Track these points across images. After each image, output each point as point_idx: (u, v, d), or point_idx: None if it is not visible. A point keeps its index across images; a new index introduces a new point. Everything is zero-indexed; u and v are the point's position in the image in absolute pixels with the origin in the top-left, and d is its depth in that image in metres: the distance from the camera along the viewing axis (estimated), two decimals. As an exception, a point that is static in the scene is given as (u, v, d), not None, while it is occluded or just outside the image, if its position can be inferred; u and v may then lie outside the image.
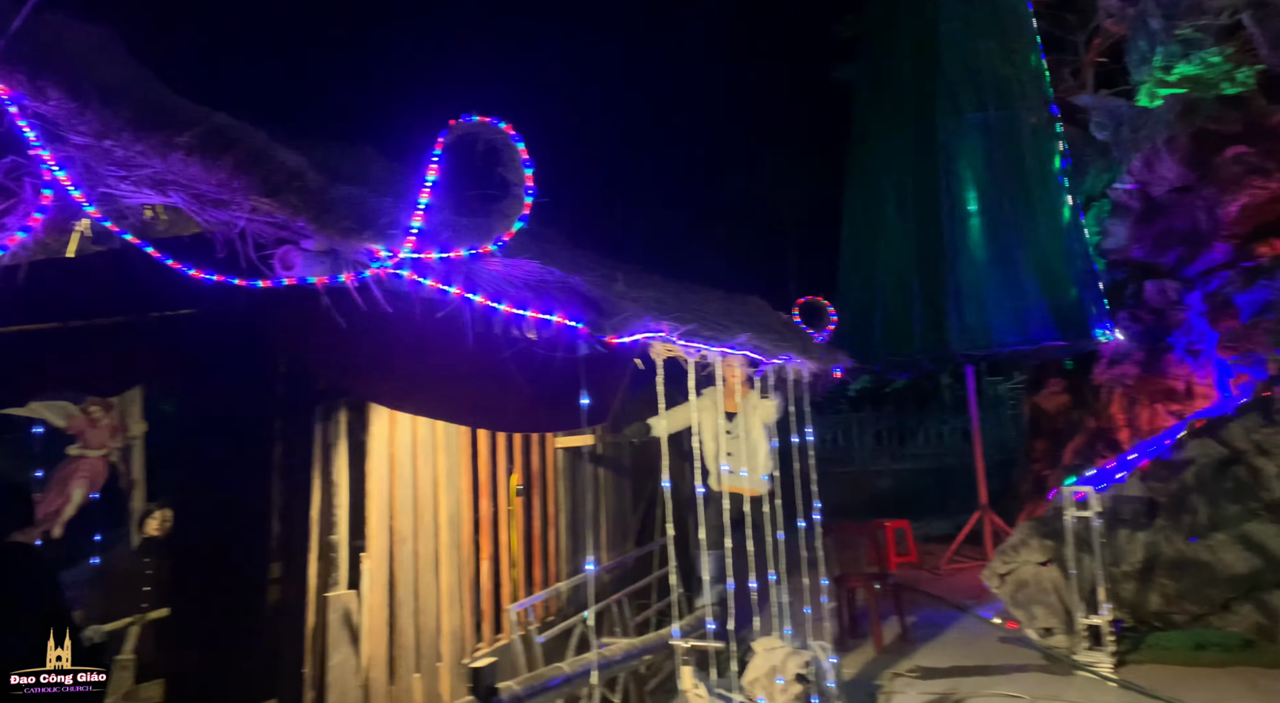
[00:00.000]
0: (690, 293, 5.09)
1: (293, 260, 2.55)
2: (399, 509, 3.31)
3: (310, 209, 2.39)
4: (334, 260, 2.58)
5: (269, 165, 2.45)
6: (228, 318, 2.72)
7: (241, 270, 2.50)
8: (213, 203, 2.45)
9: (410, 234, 2.38)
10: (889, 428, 18.44)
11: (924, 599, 8.14)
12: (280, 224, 2.48)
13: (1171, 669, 5.77)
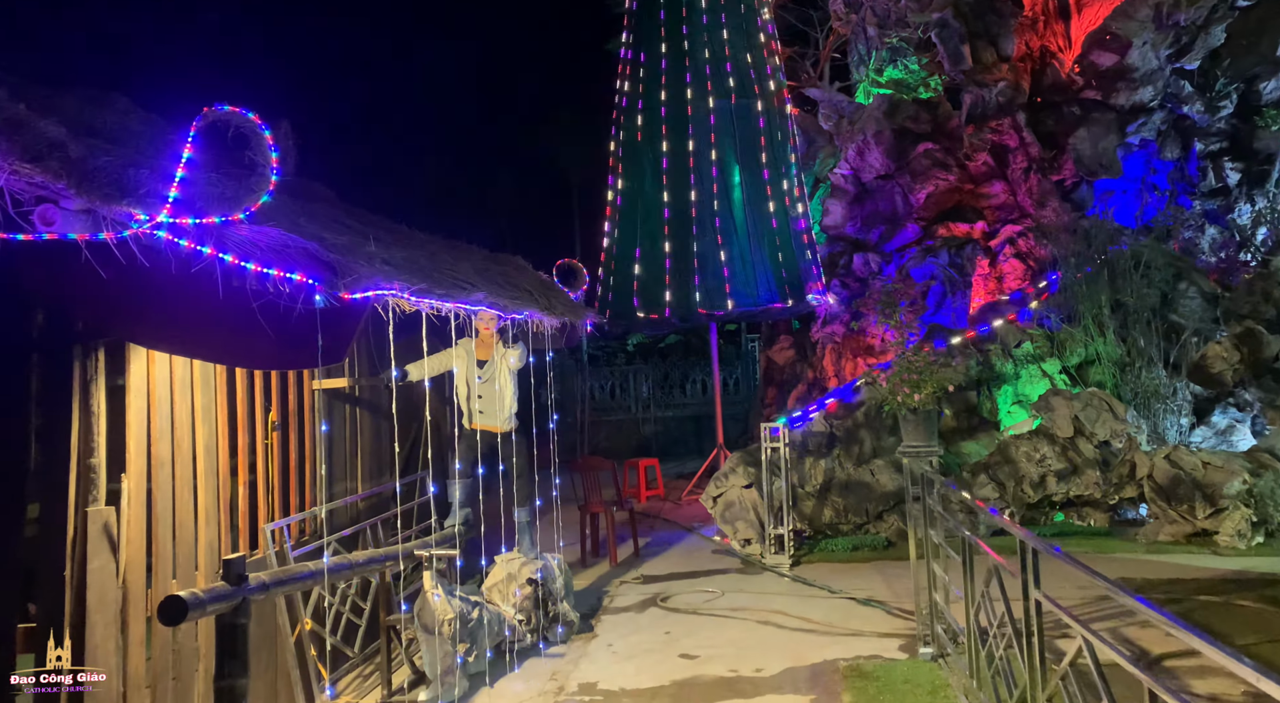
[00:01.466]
0: (450, 253, 5.72)
1: (52, 217, 2.93)
2: (157, 437, 3.73)
3: (72, 176, 2.80)
4: (93, 219, 2.98)
5: (30, 134, 2.82)
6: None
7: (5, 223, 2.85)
8: (-35, 161, 2.78)
9: (166, 202, 2.86)
10: (660, 379, 20.03)
11: (660, 523, 9.42)
12: (40, 185, 2.86)
13: (833, 566, 7.32)
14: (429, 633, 4.70)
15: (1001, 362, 8.70)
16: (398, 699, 4.74)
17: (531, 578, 5.69)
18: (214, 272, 3.08)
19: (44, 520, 3.34)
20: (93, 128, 3.31)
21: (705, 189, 10.60)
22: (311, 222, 4.01)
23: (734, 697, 4.54)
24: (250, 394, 4.50)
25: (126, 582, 3.51)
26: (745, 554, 7.74)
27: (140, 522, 3.61)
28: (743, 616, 6.01)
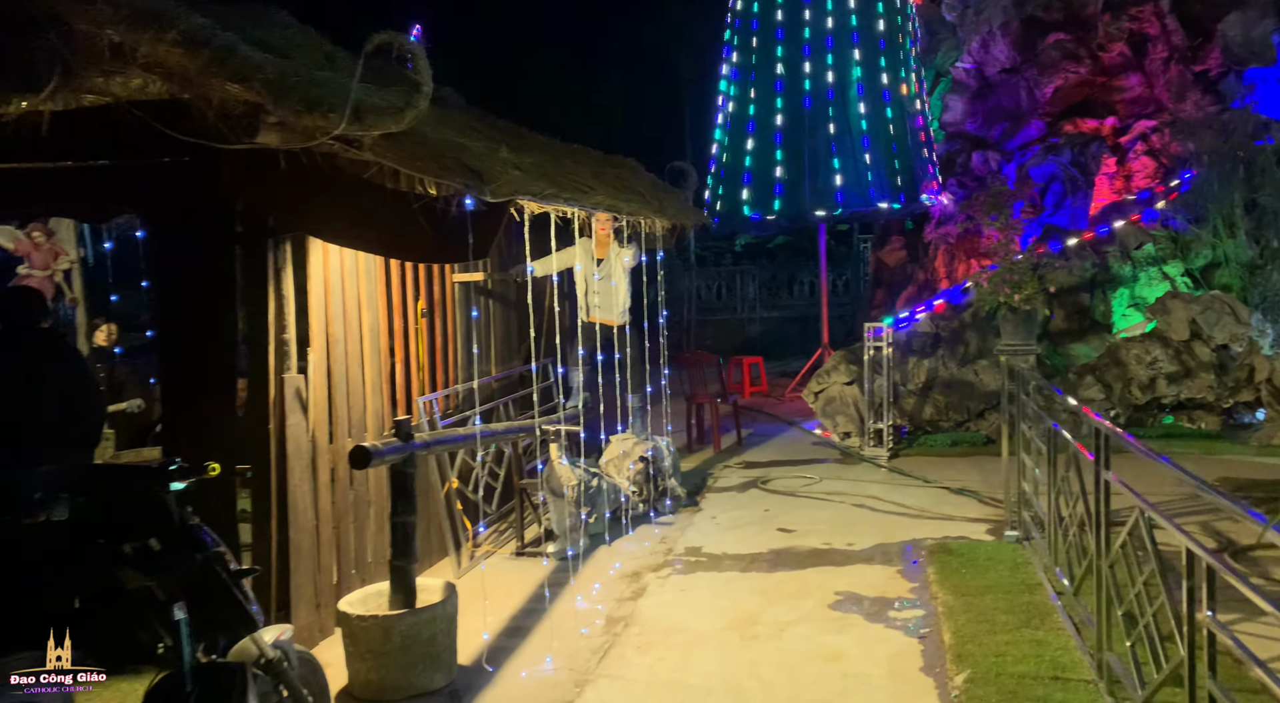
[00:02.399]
0: (569, 157, 6.11)
1: (254, 128, 3.49)
2: (332, 318, 4.39)
3: (272, 93, 3.32)
4: (282, 130, 3.53)
5: (237, 60, 3.35)
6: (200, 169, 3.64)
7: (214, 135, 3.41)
8: (188, 83, 3.34)
9: (345, 117, 3.36)
10: (767, 280, 20.14)
11: (763, 417, 9.88)
12: (241, 102, 3.40)
13: (930, 460, 7.62)
14: (557, 496, 5.37)
15: (1119, 263, 8.50)
16: (530, 550, 5.48)
17: (643, 456, 6.29)
18: (381, 176, 3.59)
19: (252, 383, 4.07)
20: (265, 44, 3.83)
21: (820, 88, 10.48)
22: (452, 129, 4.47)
23: (826, 564, 5.04)
24: (402, 286, 5.13)
25: (315, 437, 4.25)
26: (844, 446, 8.13)
27: (323, 389, 4.31)
28: (838, 499, 6.46)
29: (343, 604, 3.75)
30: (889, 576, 4.77)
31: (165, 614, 2.62)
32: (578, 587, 4.80)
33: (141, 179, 3.77)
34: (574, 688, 3.62)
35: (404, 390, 5.10)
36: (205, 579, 2.69)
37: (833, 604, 4.39)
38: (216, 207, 3.93)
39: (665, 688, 3.58)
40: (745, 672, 3.69)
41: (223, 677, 2.67)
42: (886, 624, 4.11)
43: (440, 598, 3.78)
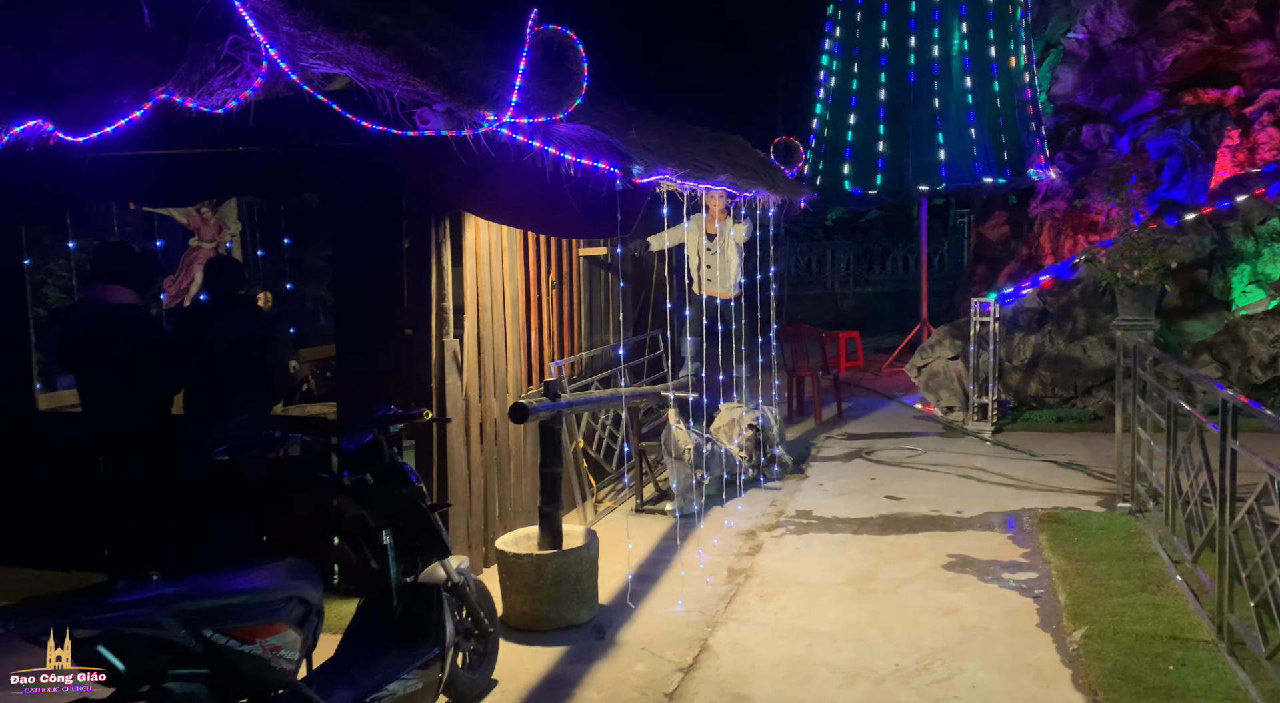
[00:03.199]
0: (684, 136, 6.38)
1: (428, 117, 3.88)
2: (482, 289, 4.80)
3: (446, 86, 3.71)
4: (451, 118, 3.91)
5: (417, 55, 3.74)
6: (374, 153, 4.07)
7: (393, 123, 3.82)
8: (373, 76, 3.74)
9: (510, 106, 3.71)
10: (859, 255, 20.00)
11: (861, 391, 10.02)
12: (418, 92, 3.79)
13: (1035, 434, 7.67)
14: (675, 458, 5.72)
15: (1241, 239, 8.27)
16: (648, 507, 5.86)
17: (753, 424, 6.58)
18: (536, 160, 3.95)
19: (415, 346, 4.52)
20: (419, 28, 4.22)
21: (925, 61, 10.40)
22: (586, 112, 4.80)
23: (936, 529, 5.24)
24: (537, 259, 5.52)
25: (467, 395, 4.70)
26: (947, 420, 8.22)
27: (474, 353, 4.75)
28: (944, 470, 6.62)
29: (499, 543, 4.19)
30: (1000, 541, 4.95)
31: (375, 539, 3.07)
32: (697, 542, 5.15)
33: (321, 163, 4.24)
34: (705, 628, 3.97)
35: (538, 356, 5.51)
36: (409, 511, 3.12)
37: (945, 565, 4.61)
38: (387, 187, 4.37)
39: (791, 632, 3.89)
40: (866, 620, 3.96)
41: (421, 595, 3.12)
42: (1000, 585, 4.31)
43: (583, 542, 4.18)
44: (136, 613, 2.05)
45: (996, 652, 3.57)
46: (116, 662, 1.97)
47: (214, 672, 2.18)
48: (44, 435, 4.89)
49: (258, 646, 2.24)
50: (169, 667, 2.08)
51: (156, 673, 2.06)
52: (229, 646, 2.18)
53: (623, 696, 3.38)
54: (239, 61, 3.78)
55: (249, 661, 2.23)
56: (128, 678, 2.02)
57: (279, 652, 2.31)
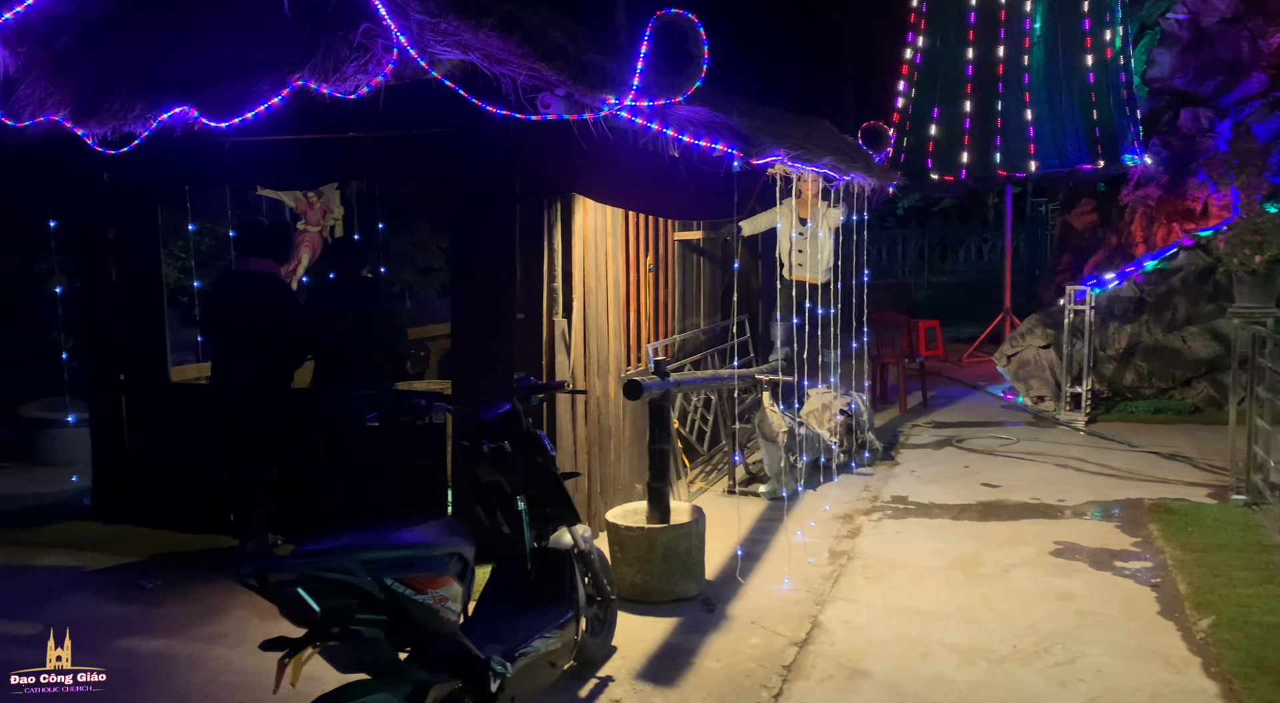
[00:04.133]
0: (778, 120, 6.38)
1: (549, 102, 3.98)
2: (588, 271, 4.91)
3: (570, 71, 3.79)
4: (572, 103, 3.99)
5: (544, 40, 3.84)
6: (491, 137, 4.18)
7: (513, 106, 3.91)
8: (497, 61, 3.85)
9: (631, 89, 3.79)
10: (932, 244, 19.63)
11: (942, 380, 9.89)
12: (541, 77, 3.88)
13: (1131, 426, 7.48)
14: (769, 441, 5.76)
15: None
16: (741, 489, 5.92)
17: (844, 409, 6.57)
18: (652, 142, 4.02)
19: (527, 324, 4.66)
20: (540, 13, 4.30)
21: (1015, 43, 10.15)
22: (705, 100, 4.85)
23: (1038, 517, 5.18)
24: (637, 242, 5.61)
25: (573, 373, 4.82)
26: (1037, 410, 8.08)
27: (580, 332, 4.86)
28: (1039, 459, 6.52)
29: (609, 516, 4.30)
30: (1107, 530, 4.87)
31: (510, 505, 3.20)
32: (794, 524, 5.19)
33: (441, 147, 4.39)
34: (814, 605, 4.02)
35: (635, 338, 5.61)
36: (543, 478, 3.25)
37: (1053, 552, 4.56)
38: (503, 170, 4.49)
39: (902, 612, 3.92)
40: (978, 603, 3.96)
41: (553, 560, 3.24)
42: (1114, 572, 4.25)
43: (691, 518, 4.26)
44: (329, 560, 2.19)
45: (1118, 637, 3.54)
46: (313, 603, 2.12)
47: (391, 619, 2.32)
48: (176, 405, 5.20)
49: (429, 596, 2.38)
50: (356, 611, 2.23)
51: (345, 616, 2.21)
52: (406, 594, 2.32)
53: (740, 666, 3.46)
54: (370, 48, 3.95)
55: (422, 609, 2.36)
56: (320, 619, 2.16)
57: (446, 603, 2.44)
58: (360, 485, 4.42)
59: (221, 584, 4.25)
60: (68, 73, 4.36)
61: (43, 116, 4.33)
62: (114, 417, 5.33)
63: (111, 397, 5.32)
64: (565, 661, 3.11)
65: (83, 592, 4.28)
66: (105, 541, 4.95)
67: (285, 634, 2.26)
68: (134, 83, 4.25)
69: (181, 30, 4.27)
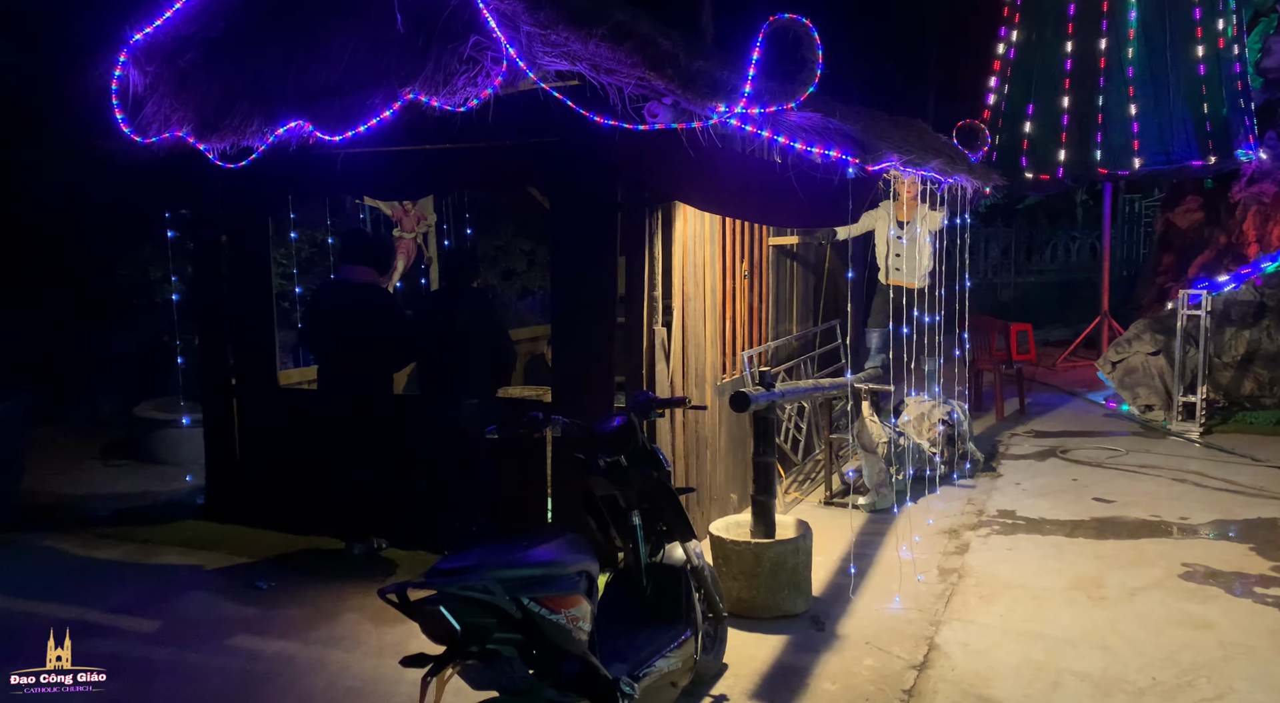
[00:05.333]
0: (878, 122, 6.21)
1: (656, 111, 3.94)
2: (687, 279, 4.86)
3: (679, 79, 3.74)
4: (679, 111, 3.93)
5: (654, 49, 3.80)
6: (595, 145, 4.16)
7: (620, 115, 3.87)
8: (605, 71, 3.82)
9: (742, 96, 3.71)
10: (1017, 243, 18.97)
11: (1038, 386, 9.51)
12: (648, 86, 3.83)
13: (1251, 438, 7.06)
14: (869, 452, 5.61)
15: None
16: (837, 500, 5.78)
17: (944, 419, 6.37)
18: (761, 149, 3.94)
19: (630, 332, 4.63)
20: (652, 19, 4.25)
21: (1119, 34, 9.70)
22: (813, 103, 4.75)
23: (1160, 536, 4.92)
24: (733, 249, 5.53)
25: (673, 382, 4.77)
26: (1145, 419, 7.70)
27: (678, 340, 4.81)
28: (1153, 473, 6.20)
29: (713, 529, 4.24)
30: (1241, 552, 4.59)
31: (624, 519, 3.17)
32: (897, 538, 5.03)
33: (546, 157, 4.40)
34: (929, 626, 3.89)
35: (730, 346, 5.53)
36: (658, 493, 3.21)
37: (1182, 575, 4.32)
38: (605, 179, 4.47)
39: (1024, 635, 3.75)
40: (1105, 629, 3.77)
41: (668, 576, 3.20)
42: (1255, 600, 4.00)
43: (798, 533, 4.17)
44: (469, 579, 2.20)
45: (1271, 672, 3.31)
46: (454, 622, 2.13)
47: (526, 638, 2.32)
48: (284, 409, 5.35)
49: (563, 616, 2.37)
50: (494, 630, 2.22)
51: (483, 635, 2.21)
52: (541, 614, 2.31)
53: (858, 688, 3.36)
54: (480, 61, 3.97)
55: (556, 629, 2.35)
56: (460, 637, 2.17)
57: (578, 623, 2.43)
58: (464, 493, 4.46)
59: (333, 587, 4.35)
60: (190, 90, 4.53)
61: (168, 133, 4.50)
62: (225, 418, 5.52)
63: (223, 399, 5.51)
64: (685, 680, 3.06)
65: (203, 591, 4.43)
66: (219, 540, 5.12)
67: (422, 650, 2.27)
68: (253, 98, 4.38)
69: (298, 46, 4.38)
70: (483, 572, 2.24)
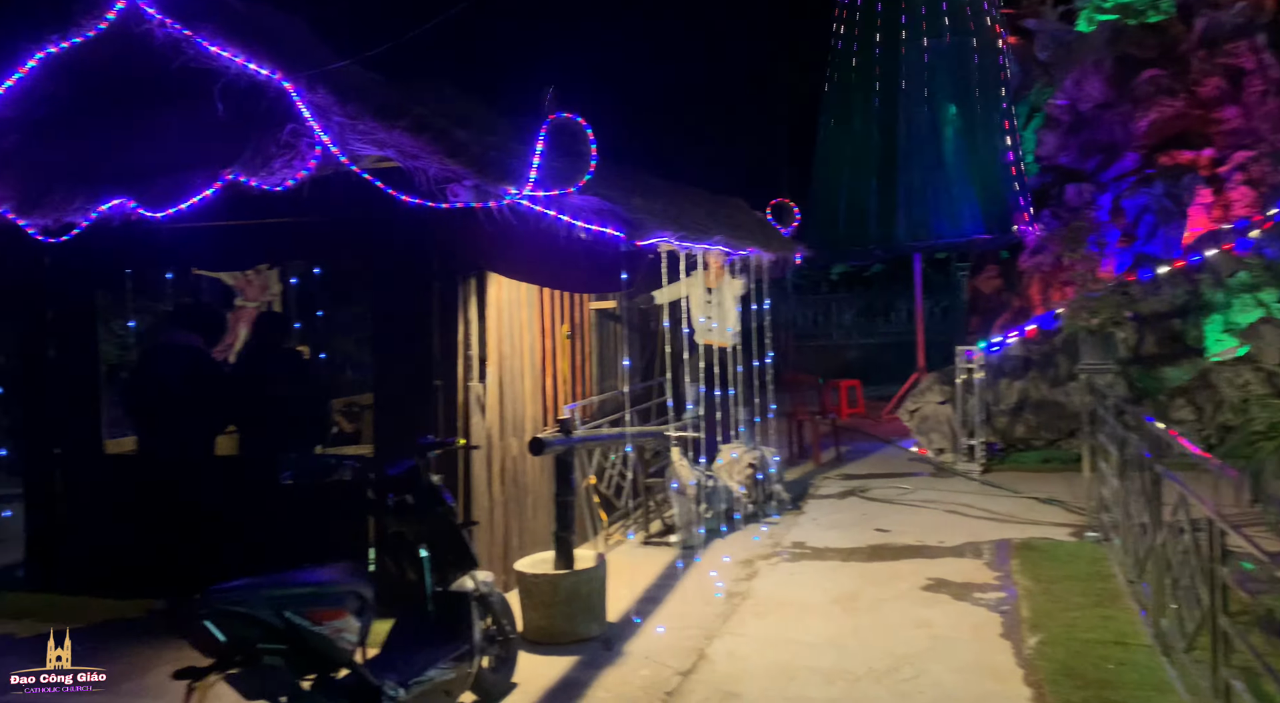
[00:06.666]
0: (684, 199, 7.00)
1: (458, 191, 4.50)
2: (503, 339, 5.38)
3: (475, 165, 4.33)
4: (479, 192, 4.51)
5: (450, 139, 4.38)
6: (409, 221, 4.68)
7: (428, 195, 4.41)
8: (411, 156, 4.38)
9: (528, 181, 4.33)
10: (863, 308, 20.60)
11: (860, 436, 10.46)
12: (451, 170, 4.40)
13: (1020, 474, 8.09)
14: (679, 494, 6.20)
15: (1213, 291, 8.78)
16: (655, 540, 6.31)
17: (751, 463, 7.06)
18: (552, 226, 4.56)
19: (445, 391, 5.07)
20: (449, 114, 4.86)
21: (915, 126, 11.13)
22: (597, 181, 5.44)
23: (919, 557, 5.68)
24: (552, 312, 6.11)
25: (489, 434, 5.23)
26: (938, 462, 8.67)
27: (496, 396, 5.30)
28: (932, 506, 7.06)
29: (518, 566, 4.67)
30: (976, 566, 5.39)
31: (413, 553, 3.57)
32: (700, 570, 5.60)
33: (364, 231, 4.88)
34: (704, 640, 4.42)
35: (552, 400, 6.06)
36: (443, 528, 3.63)
37: (924, 587, 5.05)
38: (420, 251, 4.98)
39: (779, 642, 4.33)
40: (847, 633, 4.40)
41: (453, 602, 3.61)
42: (971, 603, 4.74)
43: (594, 564, 4.66)
44: (233, 595, 2.56)
45: (960, 656, 4.00)
46: (218, 633, 2.48)
47: (291, 648, 2.68)
48: (109, 475, 5.45)
49: (326, 627, 2.75)
50: (258, 641, 2.59)
51: (248, 645, 2.57)
52: (303, 625, 2.68)
53: (629, 695, 3.83)
54: (296, 146, 4.47)
55: (320, 640, 2.73)
56: (226, 648, 2.52)
57: (342, 634, 2.81)
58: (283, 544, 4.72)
59: (146, 644, 4.48)
60: (13, 168, 4.77)
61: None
62: (48, 488, 5.55)
63: (45, 469, 5.55)
64: (460, 690, 3.45)
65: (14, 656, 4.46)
66: (36, 608, 5.12)
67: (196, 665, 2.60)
68: (76, 177, 4.68)
69: (122, 127, 4.72)
70: (251, 591, 2.62)
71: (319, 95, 4.39)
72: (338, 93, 4.37)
